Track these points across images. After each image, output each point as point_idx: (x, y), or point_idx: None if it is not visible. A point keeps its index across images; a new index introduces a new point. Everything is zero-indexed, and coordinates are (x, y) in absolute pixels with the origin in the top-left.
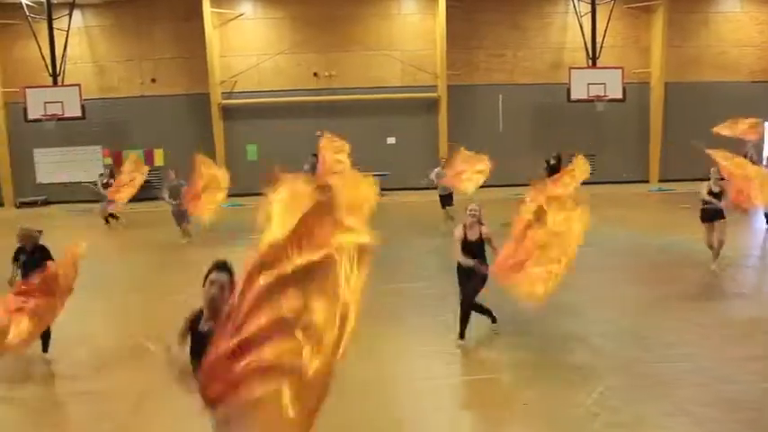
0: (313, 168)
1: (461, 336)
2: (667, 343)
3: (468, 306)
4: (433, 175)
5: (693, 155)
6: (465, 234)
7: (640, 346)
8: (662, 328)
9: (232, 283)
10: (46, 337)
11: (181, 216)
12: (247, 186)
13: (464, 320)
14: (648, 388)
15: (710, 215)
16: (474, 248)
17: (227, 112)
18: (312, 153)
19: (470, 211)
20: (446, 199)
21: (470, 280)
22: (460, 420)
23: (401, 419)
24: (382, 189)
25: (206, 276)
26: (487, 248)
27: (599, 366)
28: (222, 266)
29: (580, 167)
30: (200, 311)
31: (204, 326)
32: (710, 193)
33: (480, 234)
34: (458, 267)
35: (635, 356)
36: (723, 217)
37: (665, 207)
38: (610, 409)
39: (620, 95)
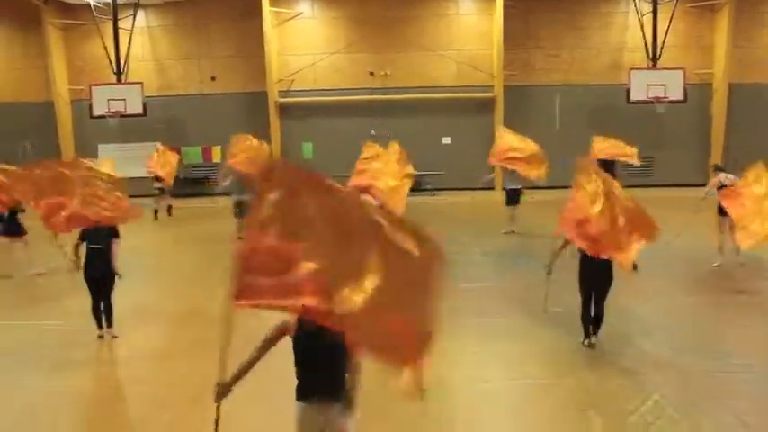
0: None
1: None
2: (726, 352)
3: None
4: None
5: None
6: None
7: (699, 355)
8: (721, 336)
9: None
10: (108, 312)
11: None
12: None
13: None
14: (706, 398)
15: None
16: None
17: (284, 111)
18: None
19: None
20: (513, 196)
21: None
22: (517, 425)
23: (455, 420)
24: (437, 189)
25: None
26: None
27: (656, 374)
28: None
29: None
30: None
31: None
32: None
33: None
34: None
35: (693, 365)
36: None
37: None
38: (666, 418)
39: (680, 97)
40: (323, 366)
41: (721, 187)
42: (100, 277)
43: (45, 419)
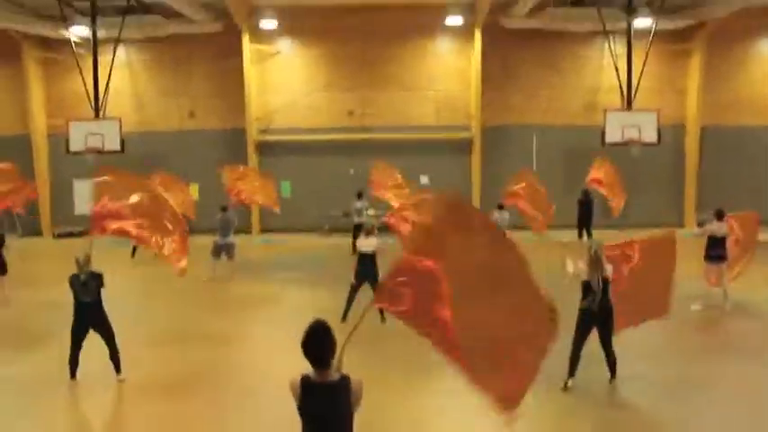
0: None
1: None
2: (703, 401)
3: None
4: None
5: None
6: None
7: (676, 402)
8: (701, 382)
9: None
10: (116, 358)
11: (223, 250)
12: (280, 223)
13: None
14: None
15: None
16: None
17: (263, 149)
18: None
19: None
20: None
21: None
22: None
23: None
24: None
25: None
26: None
27: (633, 421)
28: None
29: None
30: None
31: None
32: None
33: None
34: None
35: (671, 413)
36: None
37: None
38: None
39: (654, 139)
40: None
41: (712, 237)
42: (86, 333)
43: None
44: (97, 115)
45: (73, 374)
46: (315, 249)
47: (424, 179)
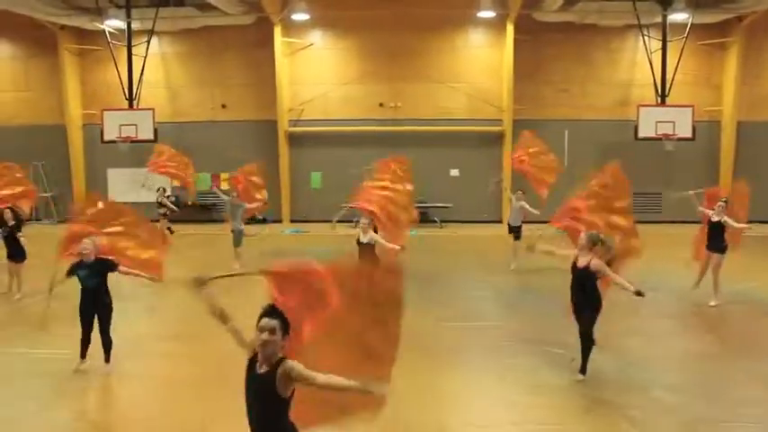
0: None
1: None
2: (737, 400)
3: (587, 337)
4: (515, 204)
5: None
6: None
7: (707, 403)
8: (731, 383)
9: (284, 326)
10: (107, 347)
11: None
12: (310, 213)
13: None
14: None
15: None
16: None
17: (294, 140)
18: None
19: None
20: (516, 230)
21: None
22: None
23: None
24: (444, 221)
25: (257, 321)
26: None
27: (663, 423)
28: (271, 311)
29: None
30: (256, 354)
31: (260, 369)
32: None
33: (588, 264)
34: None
35: (701, 414)
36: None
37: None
38: None
39: (689, 134)
40: (252, 411)
41: (712, 224)
42: (93, 315)
43: None
44: (131, 105)
45: (82, 356)
46: (344, 239)
47: (455, 172)
